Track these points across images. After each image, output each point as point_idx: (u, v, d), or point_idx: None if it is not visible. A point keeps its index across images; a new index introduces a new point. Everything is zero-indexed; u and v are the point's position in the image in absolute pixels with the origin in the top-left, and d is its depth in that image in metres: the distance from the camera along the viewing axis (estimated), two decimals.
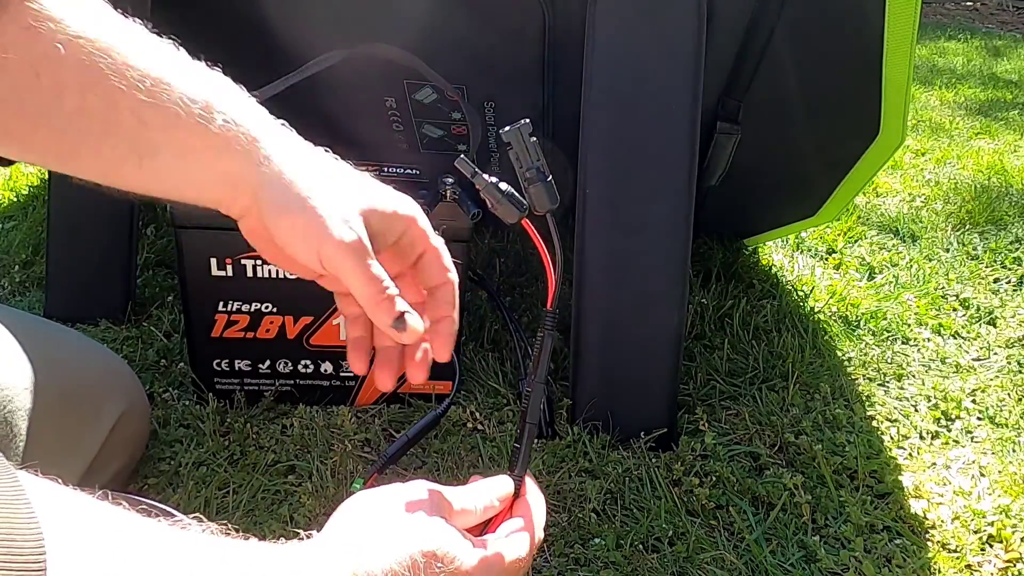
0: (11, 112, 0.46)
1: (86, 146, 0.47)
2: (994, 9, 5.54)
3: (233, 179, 0.50)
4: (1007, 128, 2.66)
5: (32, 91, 0.45)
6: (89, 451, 0.78)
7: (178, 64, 0.49)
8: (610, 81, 0.94)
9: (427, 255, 0.55)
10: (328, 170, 0.52)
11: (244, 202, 0.51)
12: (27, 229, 1.46)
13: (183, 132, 0.48)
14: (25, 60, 0.45)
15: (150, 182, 0.50)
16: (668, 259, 0.97)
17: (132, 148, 0.48)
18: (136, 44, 0.48)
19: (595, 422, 0.99)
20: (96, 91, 0.46)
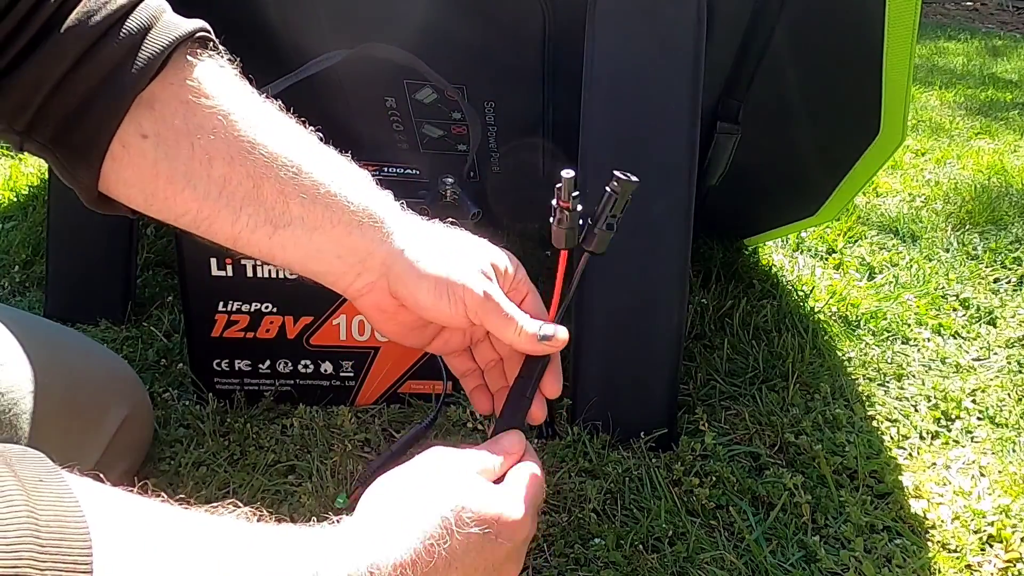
0: (162, 175, 0.50)
1: (225, 212, 0.51)
2: (994, 9, 5.54)
3: (362, 253, 0.54)
4: (1007, 128, 2.66)
5: (185, 158, 0.50)
6: (93, 454, 0.78)
7: (315, 147, 0.54)
8: (610, 81, 0.94)
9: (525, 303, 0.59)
10: (450, 236, 0.58)
11: (369, 277, 0.55)
12: (27, 229, 1.46)
13: (319, 208, 0.53)
14: (182, 130, 0.49)
15: (278, 251, 0.54)
16: (668, 259, 0.97)
17: (268, 218, 0.52)
18: (280, 127, 0.53)
19: (595, 422, 0.99)
20: (243, 163, 0.51)
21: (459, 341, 0.61)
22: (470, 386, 0.62)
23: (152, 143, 0.49)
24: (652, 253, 0.97)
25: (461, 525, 0.47)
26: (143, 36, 0.48)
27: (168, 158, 0.49)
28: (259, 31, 1.06)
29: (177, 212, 0.52)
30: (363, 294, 0.56)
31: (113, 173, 0.50)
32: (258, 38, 1.07)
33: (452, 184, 0.98)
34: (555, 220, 0.57)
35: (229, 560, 0.38)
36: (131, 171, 0.50)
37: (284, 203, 0.52)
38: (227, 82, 0.52)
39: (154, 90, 0.49)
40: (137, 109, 0.48)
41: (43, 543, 0.31)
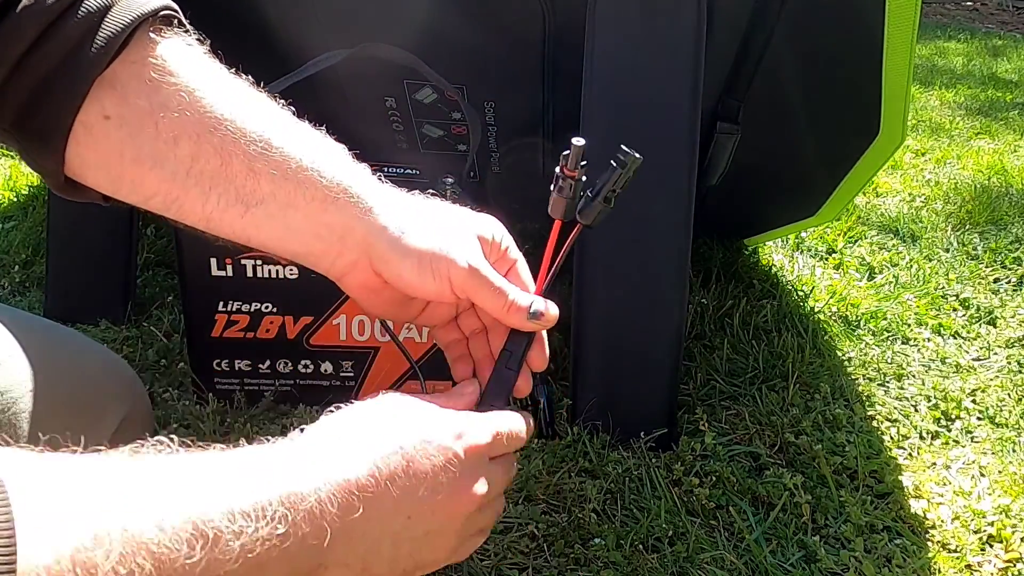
0: (128, 157, 0.49)
1: (195, 192, 0.50)
2: (994, 9, 5.54)
3: (340, 231, 0.52)
4: (1007, 128, 2.66)
5: (150, 138, 0.48)
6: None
7: (286, 122, 0.53)
8: (610, 81, 0.94)
9: (511, 273, 0.58)
10: (430, 208, 0.56)
11: (350, 256, 0.53)
12: (27, 229, 1.46)
13: (291, 184, 0.51)
14: (146, 109, 0.48)
15: (252, 231, 0.52)
16: (668, 259, 0.97)
17: (239, 197, 0.50)
18: (249, 102, 0.51)
19: (595, 422, 0.99)
20: (210, 140, 0.49)
21: (446, 313, 0.59)
22: (453, 355, 0.60)
23: (115, 124, 0.48)
24: (652, 253, 0.97)
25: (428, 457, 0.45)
26: (103, 15, 0.47)
27: (132, 138, 0.48)
28: (259, 31, 1.06)
29: (146, 194, 0.50)
30: (346, 274, 0.54)
31: (78, 157, 0.49)
32: (258, 38, 1.07)
33: (452, 184, 0.98)
34: (556, 188, 0.56)
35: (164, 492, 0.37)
36: (95, 153, 0.49)
37: (254, 180, 0.50)
38: (193, 59, 0.50)
39: (116, 69, 0.47)
40: (99, 89, 0.47)
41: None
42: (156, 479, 0.37)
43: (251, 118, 0.50)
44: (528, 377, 0.57)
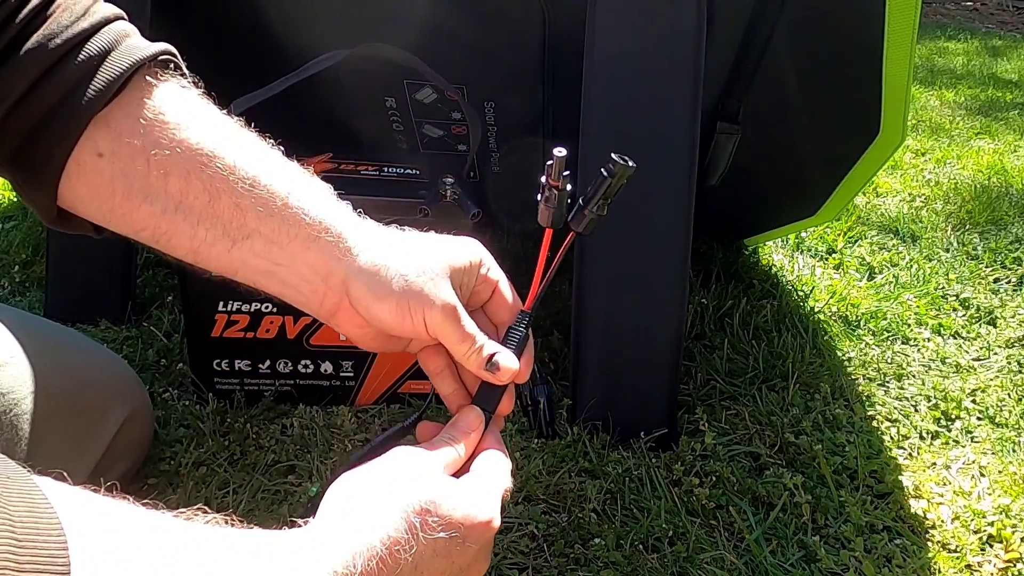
0: (119, 192, 0.51)
1: (183, 226, 0.52)
2: (994, 9, 5.54)
3: (321, 272, 0.54)
4: (1007, 128, 2.66)
5: (141, 174, 0.50)
6: (94, 455, 0.78)
7: (273, 160, 0.54)
8: (610, 81, 0.94)
9: (496, 293, 0.59)
10: (406, 246, 0.56)
11: (333, 298, 0.55)
12: (27, 229, 1.46)
13: (275, 221, 0.52)
14: (138, 147, 0.50)
15: (239, 265, 0.53)
16: (668, 259, 0.97)
17: (225, 232, 0.52)
18: (237, 140, 0.53)
19: (595, 422, 0.99)
20: (200, 177, 0.51)
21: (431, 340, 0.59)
22: (445, 390, 0.60)
23: (108, 161, 0.50)
24: (652, 253, 0.97)
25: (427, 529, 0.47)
26: (103, 59, 0.49)
27: (124, 175, 0.50)
28: (260, 31, 1.06)
29: (136, 227, 0.52)
30: (333, 313, 0.55)
31: (70, 191, 0.51)
32: (259, 38, 1.07)
33: (452, 184, 0.98)
34: (543, 199, 0.57)
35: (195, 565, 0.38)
36: (87, 189, 0.51)
37: (240, 216, 0.52)
38: (186, 100, 0.52)
39: (111, 110, 0.49)
40: (94, 129, 0.49)
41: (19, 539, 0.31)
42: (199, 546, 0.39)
43: (239, 156, 0.52)
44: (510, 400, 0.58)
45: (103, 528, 0.35)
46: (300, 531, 0.45)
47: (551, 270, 0.58)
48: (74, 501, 0.35)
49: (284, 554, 0.42)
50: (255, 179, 0.52)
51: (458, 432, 0.56)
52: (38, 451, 0.67)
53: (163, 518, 0.39)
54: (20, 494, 0.33)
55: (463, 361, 0.56)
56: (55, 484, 0.35)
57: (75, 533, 0.33)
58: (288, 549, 0.43)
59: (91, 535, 0.34)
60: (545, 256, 0.58)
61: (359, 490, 0.49)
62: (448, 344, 0.55)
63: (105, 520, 0.36)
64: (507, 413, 0.59)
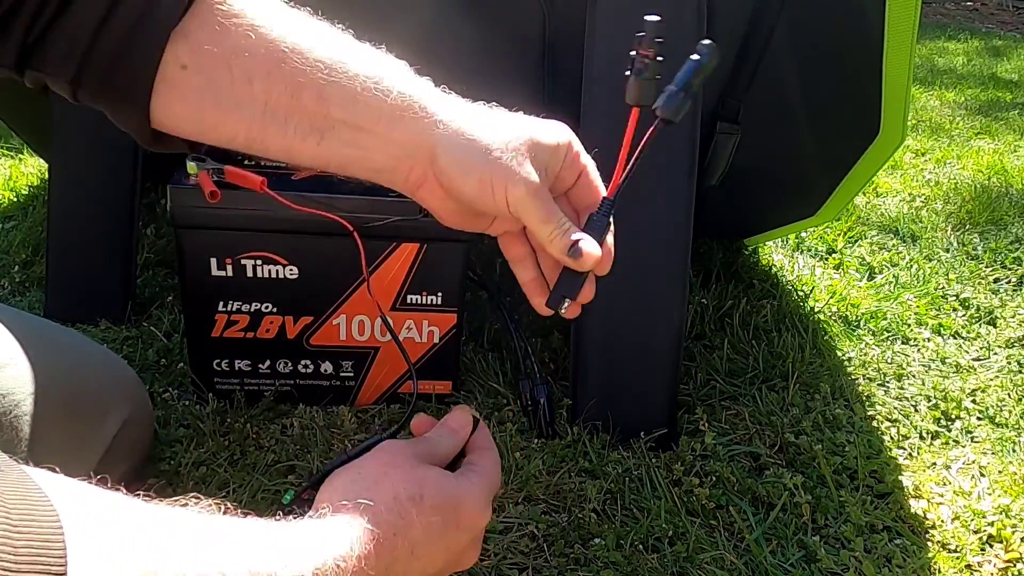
0: (208, 102, 0.51)
1: (272, 127, 0.52)
2: (994, 9, 5.55)
3: (409, 147, 0.54)
4: (1007, 128, 2.66)
5: (225, 81, 0.51)
6: (94, 455, 0.78)
7: (349, 45, 0.54)
8: (610, 81, 0.94)
9: (582, 178, 0.59)
10: (492, 121, 0.56)
11: (419, 171, 0.55)
12: (27, 229, 1.46)
13: (360, 107, 0.53)
14: (218, 55, 0.50)
15: (329, 156, 0.54)
16: (668, 259, 0.97)
17: (313, 126, 0.52)
18: (311, 30, 0.53)
19: (595, 422, 0.99)
20: (281, 76, 0.51)
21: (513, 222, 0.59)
22: (526, 278, 0.60)
23: (192, 72, 0.50)
24: (652, 253, 0.97)
25: (421, 514, 0.48)
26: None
27: (210, 85, 0.50)
28: None
29: (229, 135, 0.53)
30: (419, 187, 0.56)
31: (161, 109, 0.51)
32: None
33: None
34: (634, 71, 0.55)
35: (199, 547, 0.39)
36: (179, 104, 0.51)
37: (324, 107, 0.52)
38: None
39: (188, 21, 0.50)
40: (173, 42, 0.49)
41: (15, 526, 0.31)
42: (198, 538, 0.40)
43: (315, 47, 0.52)
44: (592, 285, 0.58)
45: (98, 517, 0.36)
46: (297, 520, 0.46)
47: (636, 157, 0.56)
48: (68, 491, 0.35)
49: (281, 541, 0.43)
50: (333, 67, 0.52)
51: (448, 429, 0.57)
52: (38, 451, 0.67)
53: (157, 507, 0.40)
54: (15, 485, 0.33)
55: (545, 243, 0.55)
56: (49, 475, 0.36)
57: (71, 522, 0.33)
58: (285, 537, 0.44)
59: (86, 524, 0.34)
60: (630, 141, 0.56)
61: (353, 480, 0.50)
62: (530, 224, 0.55)
63: (100, 510, 0.36)
64: (588, 300, 0.58)
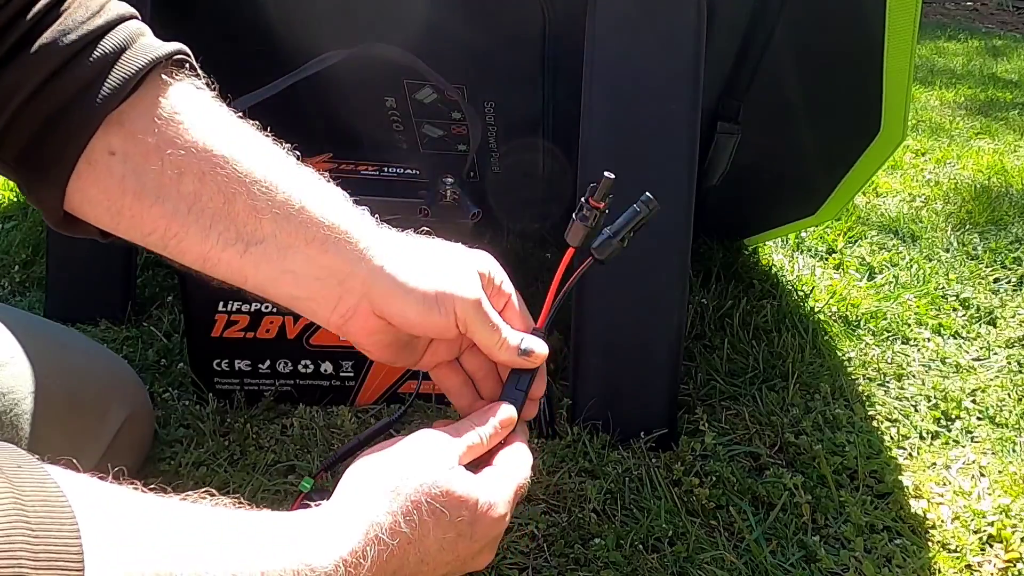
0: (131, 191, 0.49)
1: (195, 229, 0.50)
2: (994, 9, 5.54)
3: (340, 274, 0.52)
4: (1007, 128, 2.66)
5: (155, 173, 0.49)
6: (94, 455, 0.78)
7: (289, 165, 0.53)
8: (610, 81, 0.94)
9: (508, 307, 0.59)
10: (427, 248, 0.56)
11: (351, 300, 0.53)
12: (27, 229, 1.46)
13: (292, 225, 0.51)
14: (152, 145, 0.48)
15: (250, 270, 0.52)
16: (668, 259, 0.97)
17: (239, 236, 0.51)
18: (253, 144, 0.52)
19: (595, 422, 0.99)
20: (215, 179, 0.50)
21: (447, 351, 0.59)
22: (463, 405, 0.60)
23: (120, 159, 0.48)
24: (652, 253, 0.97)
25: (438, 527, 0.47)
26: (117, 56, 0.48)
27: (136, 174, 0.49)
28: (259, 31, 1.06)
29: (145, 230, 0.51)
30: (347, 319, 0.54)
31: (79, 192, 0.49)
32: (258, 38, 1.07)
33: (452, 184, 0.98)
34: (580, 217, 0.57)
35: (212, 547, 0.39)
36: (97, 189, 0.49)
37: (256, 220, 0.50)
38: (201, 101, 0.51)
39: (125, 108, 0.48)
40: (107, 127, 0.48)
41: (33, 528, 0.31)
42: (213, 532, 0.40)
43: (255, 159, 0.51)
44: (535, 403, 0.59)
45: (114, 515, 0.36)
46: (312, 511, 0.46)
47: (564, 290, 0.58)
48: (85, 489, 0.36)
49: (295, 535, 0.43)
50: (272, 183, 0.51)
51: (488, 424, 0.55)
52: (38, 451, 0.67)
53: (171, 503, 0.40)
54: (33, 483, 0.33)
55: (494, 351, 0.55)
56: (65, 472, 0.36)
57: (87, 521, 0.33)
58: (299, 530, 0.44)
59: (103, 522, 0.34)
60: (560, 276, 0.58)
61: (379, 474, 0.49)
62: (478, 335, 0.55)
63: (115, 507, 0.36)
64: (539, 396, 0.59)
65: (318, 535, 0.44)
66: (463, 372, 0.60)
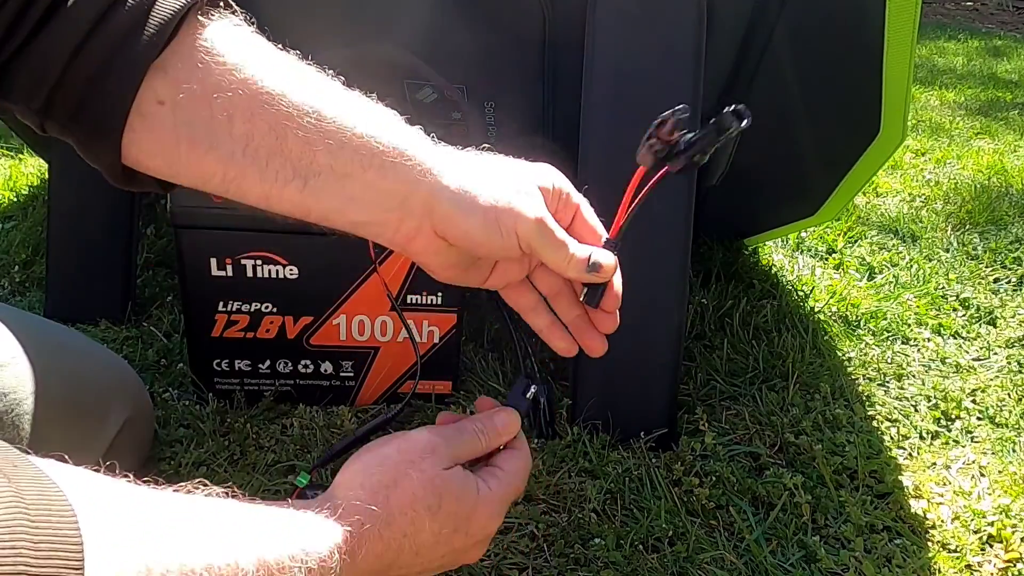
0: (185, 140, 0.49)
1: (252, 170, 0.50)
2: (994, 9, 5.54)
3: (400, 196, 0.51)
4: (1007, 128, 2.66)
5: (205, 119, 0.48)
6: (94, 455, 0.78)
7: (339, 93, 0.52)
8: (610, 81, 0.94)
9: (577, 217, 0.57)
10: (486, 165, 0.55)
11: (413, 221, 0.52)
12: (27, 229, 1.46)
13: (347, 153, 0.50)
14: (199, 91, 0.48)
15: (312, 203, 0.51)
16: (668, 259, 0.97)
17: (296, 170, 0.50)
18: (299, 75, 0.51)
19: (595, 422, 0.99)
20: (264, 117, 0.49)
21: (517, 271, 0.58)
22: (541, 325, 0.58)
23: (169, 108, 0.48)
24: (652, 253, 0.97)
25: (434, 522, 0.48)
26: (152, 3, 0.47)
27: (187, 122, 0.48)
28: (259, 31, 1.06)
29: (204, 176, 0.50)
30: (411, 239, 0.53)
31: (134, 145, 0.49)
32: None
33: None
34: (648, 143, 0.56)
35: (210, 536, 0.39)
36: (152, 140, 0.49)
37: (311, 153, 0.50)
38: (242, 38, 0.51)
39: (166, 56, 0.48)
40: (152, 77, 0.47)
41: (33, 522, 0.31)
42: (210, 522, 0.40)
43: (302, 91, 0.50)
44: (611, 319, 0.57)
45: (112, 508, 0.36)
46: (309, 501, 0.46)
47: (639, 200, 0.56)
48: (82, 483, 0.36)
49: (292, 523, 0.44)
50: (321, 112, 0.50)
51: (490, 427, 0.55)
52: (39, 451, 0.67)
53: (166, 494, 0.40)
54: (31, 479, 0.33)
55: (562, 267, 0.54)
56: (61, 466, 0.36)
57: (86, 514, 0.33)
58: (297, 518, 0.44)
59: (101, 515, 0.35)
60: (634, 187, 0.56)
61: (374, 470, 0.49)
62: (543, 253, 0.53)
63: (113, 499, 0.37)
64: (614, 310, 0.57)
65: (315, 523, 0.44)
66: (535, 291, 0.58)
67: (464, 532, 0.50)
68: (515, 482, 0.55)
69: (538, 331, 0.58)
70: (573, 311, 0.58)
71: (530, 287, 0.58)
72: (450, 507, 0.49)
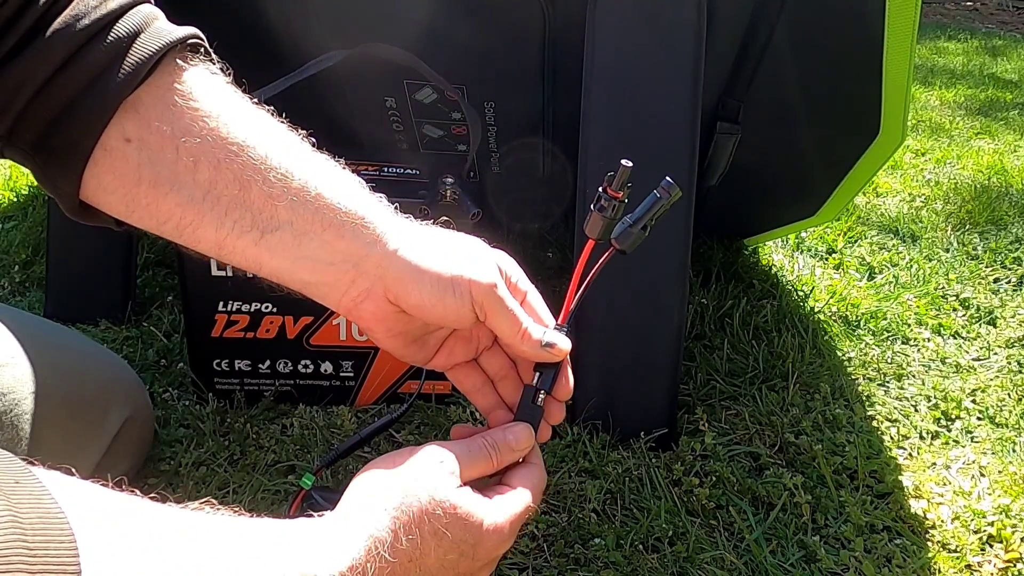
0: (147, 180, 0.49)
1: (210, 216, 0.50)
2: (994, 9, 5.54)
3: (355, 258, 0.52)
4: (1007, 128, 2.65)
5: (170, 161, 0.48)
6: (94, 455, 0.78)
7: (305, 152, 0.53)
8: (610, 81, 0.94)
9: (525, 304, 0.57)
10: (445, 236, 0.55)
11: (364, 284, 0.52)
12: (27, 229, 1.46)
13: (308, 212, 0.51)
14: (168, 133, 0.48)
15: (265, 257, 0.51)
16: (668, 259, 0.97)
17: (255, 223, 0.50)
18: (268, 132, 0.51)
19: (595, 422, 0.99)
20: (231, 166, 0.49)
21: (464, 350, 0.57)
22: (486, 405, 0.57)
23: (135, 147, 0.48)
24: (652, 253, 0.97)
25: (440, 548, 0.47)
26: (132, 41, 0.48)
27: (151, 162, 0.48)
28: (260, 31, 1.06)
29: (160, 218, 0.50)
30: (358, 303, 0.53)
31: (94, 179, 0.49)
32: (259, 38, 1.07)
33: (452, 184, 0.98)
34: (598, 208, 0.56)
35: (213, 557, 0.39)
36: (112, 176, 0.49)
37: (272, 207, 0.50)
38: (216, 87, 0.51)
39: (140, 94, 0.48)
40: (122, 113, 0.47)
41: (31, 546, 0.31)
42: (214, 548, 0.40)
43: (271, 146, 0.51)
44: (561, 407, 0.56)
45: (112, 528, 0.35)
46: (315, 521, 0.45)
47: (587, 284, 0.56)
48: (83, 500, 0.35)
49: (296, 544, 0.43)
50: (288, 169, 0.50)
51: (502, 443, 0.53)
52: (39, 451, 0.67)
53: (170, 511, 0.39)
54: (30, 498, 0.33)
55: (515, 341, 0.53)
56: (63, 481, 0.35)
57: (85, 535, 0.33)
58: (301, 539, 0.43)
59: (100, 536, 0.34)
60: (581, 269, 0.56)
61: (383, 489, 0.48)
62: (497, 321, 0.53)
63: (113, 519, 0.36)
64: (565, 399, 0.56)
65: (319, 546, 0.44)
66: (482, 372, 0.58)
67: (471, 557, 0.49)
68: (526, 501, 0.53)
69: (482, 411, 0.58)
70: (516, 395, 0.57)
71: (477, 368, 0.58)
72: (457, 534, 0.48)
